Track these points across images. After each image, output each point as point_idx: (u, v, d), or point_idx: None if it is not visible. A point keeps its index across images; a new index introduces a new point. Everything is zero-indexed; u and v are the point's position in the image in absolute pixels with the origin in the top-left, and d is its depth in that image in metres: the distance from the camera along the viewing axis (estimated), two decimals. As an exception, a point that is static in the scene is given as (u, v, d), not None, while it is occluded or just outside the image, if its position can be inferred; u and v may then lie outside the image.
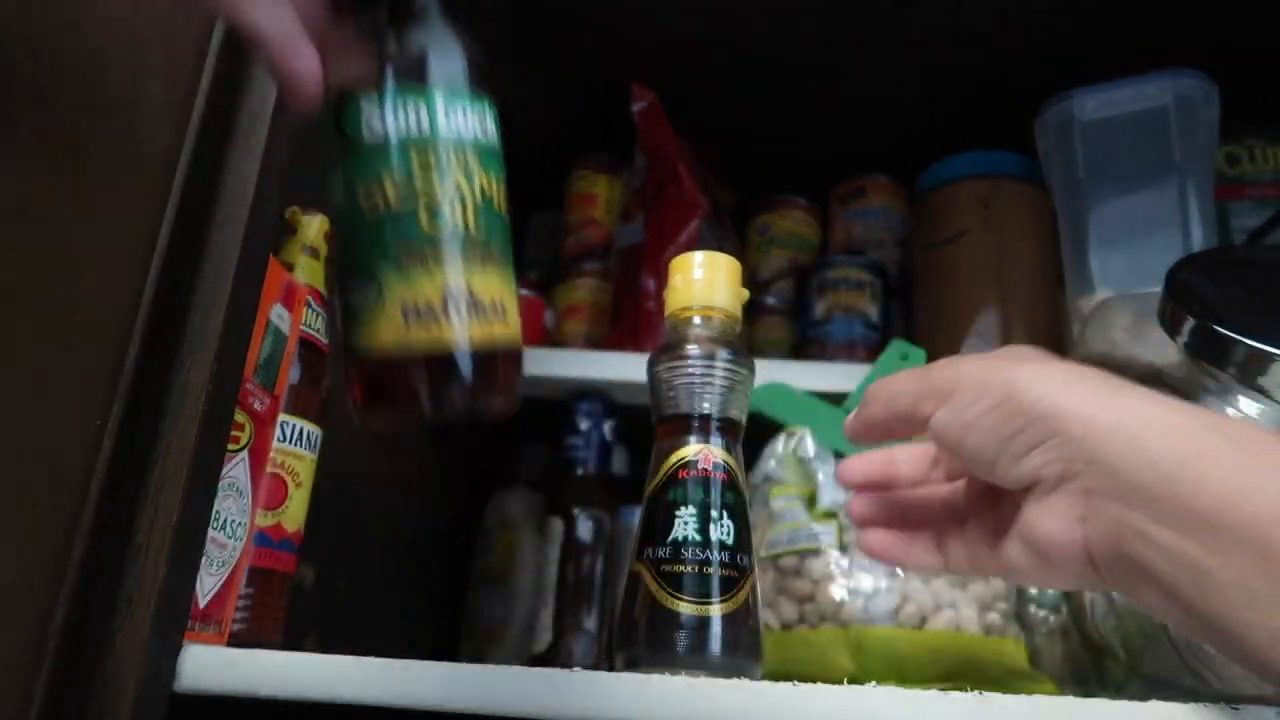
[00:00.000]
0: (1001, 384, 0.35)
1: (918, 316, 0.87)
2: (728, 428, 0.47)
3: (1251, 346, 0.50)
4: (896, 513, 0.44)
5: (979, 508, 0.41)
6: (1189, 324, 0.53)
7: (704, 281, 0.49)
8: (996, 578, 0.51)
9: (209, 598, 0.47)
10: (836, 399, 0.72)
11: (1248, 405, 0.52)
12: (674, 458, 0.46)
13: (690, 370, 0.47)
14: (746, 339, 0.93)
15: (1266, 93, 0.81)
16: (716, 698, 0.39)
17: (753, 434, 0.67)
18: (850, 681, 0.43)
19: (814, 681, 0.39)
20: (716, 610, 0.43)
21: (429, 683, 0.43)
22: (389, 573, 0.77)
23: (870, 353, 0.84)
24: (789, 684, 0.39)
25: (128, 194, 0.45)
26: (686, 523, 0.44)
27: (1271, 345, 0.50)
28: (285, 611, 0.54)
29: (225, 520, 0.48)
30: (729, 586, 0.44)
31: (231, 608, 0.49)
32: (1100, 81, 0.75)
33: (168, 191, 0.44)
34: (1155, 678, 0.51)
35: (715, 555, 0.44)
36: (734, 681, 0.40)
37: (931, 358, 0.74)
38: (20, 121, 0.45)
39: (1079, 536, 0.34)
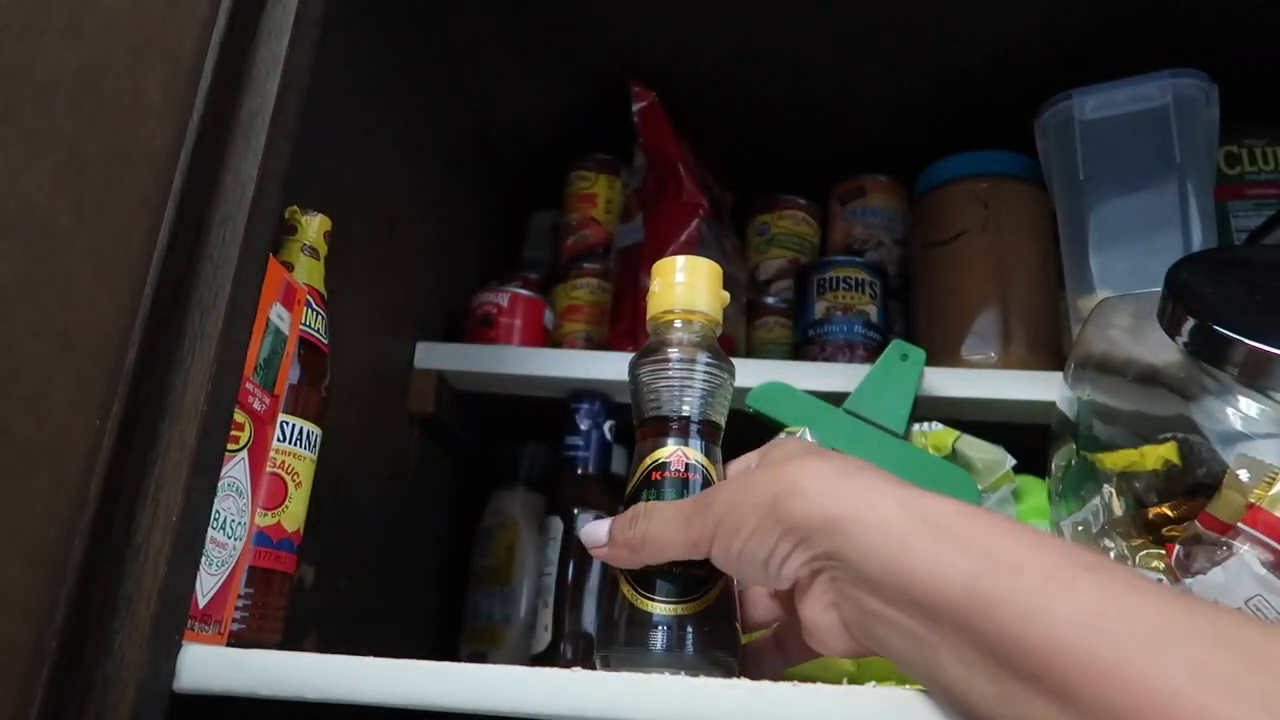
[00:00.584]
0: (751, 511, 0.39)
1: (918, 316, 0.87)
2: (707, 430, 0.47)
3: (1251, 346, 0.50)
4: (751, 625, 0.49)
5: (788, 604, 0.45)
6: (1189, 324, 0.53)
7: (685, 285, 0.49)
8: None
9: (209, 598, 0.47)
10: (836, 399, 0.72)
11: (1248, 405, 0.52)
12: (650, 459, 0.47)
13: (671, 373, 0.47)
14: (746, 339, 0.94)
15: (1266, 93, 0.81)
16: (716, 698, 0.39)
17: (753, 434, 0.67)
18: (850, 681, 0.43)
19: (813, 681, 0.39)
20: (689, 609, 0.44)
21: (429, 683, 0.43)
22: (389, 573, 0.77)
23: (870, 353, 0.84)
24: (789, 684, 0.39)
25: (128, 194, 0.44)
26: None
27: (1271, 345, 0.50)
28: (285, 611, 0.54)
29: (225, 520, 0.48)
30: (699, 586, 0.44)
31: (231, 608, 0.49)
32: (1100, 81, 0.75)
33: (168, 191, 0.44)
34: (1155, 678, 0.51)
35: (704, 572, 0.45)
36: (733, 681, 0.40)
37: (931, 358, 0.74)
38: (20, 121, 0.45)
39: (835, 618, 0.39)
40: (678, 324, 0.49)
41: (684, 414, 0.47)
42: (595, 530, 0.45)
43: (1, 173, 0.44)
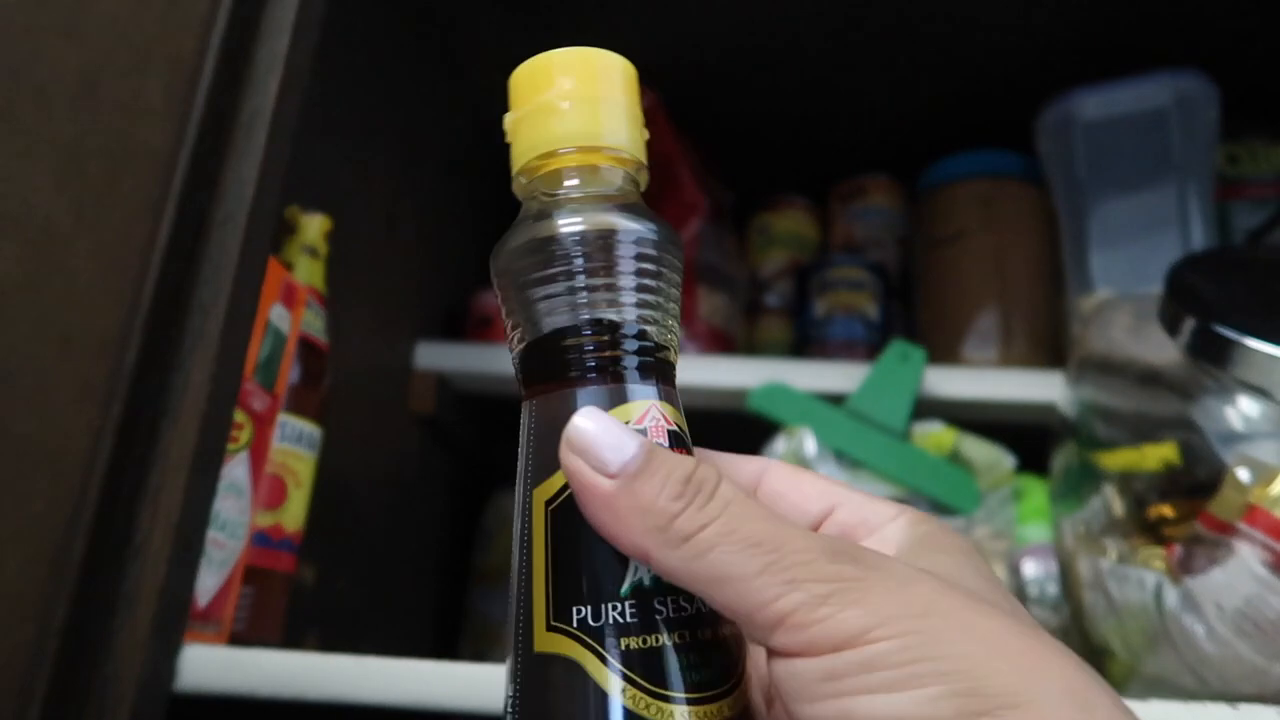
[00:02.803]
0: None
1: (918, 316, 0.87)
2: (660, 370, 0.25)
3: (1251, 346, 0.50)
4: None
5: None
6: (1189, 324, 0.54)
7: (579, 103, 0.26)
8: None
9: (209, 598, 0.47)
10: (836, 399, 0.72)
11: (1248, 405, 0.52)
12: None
13: (580, 264, 0.24)
14: (746, 339, 0.93)
15: (1266, 93, 0.81)
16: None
17: (753, 434, 0.67)
18: None
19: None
20: (733, 705, 0.23)
21: (429, 683, 0.43)
22: (389, 573, 0.77)
23: (870, 353, 0.84)
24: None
25: (128, 194, 0.44)
26: None
27: (1271, 345, 0.50)
28: (285, 611, 0.54)
29: (225, 520, 0.48)
30: (731, 655, 0.24)
31: (231, 608, 0.49)
32: (1100, 81, 0.75)
33: (167, 191, 0.44)
34: (1155, 678, 0.51)
35: (705, 604, 0.23)
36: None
37: (932, 357, 0.74)
38: (20, 121, 0.45)
39: None
40: (571, 178, 0.26)
41: (625, 333, 0.24)
42: (612, 436, 0.23)
43: (1, 173, 0.44)
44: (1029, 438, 0.71)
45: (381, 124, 0.74)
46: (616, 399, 0.24)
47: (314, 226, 0.57)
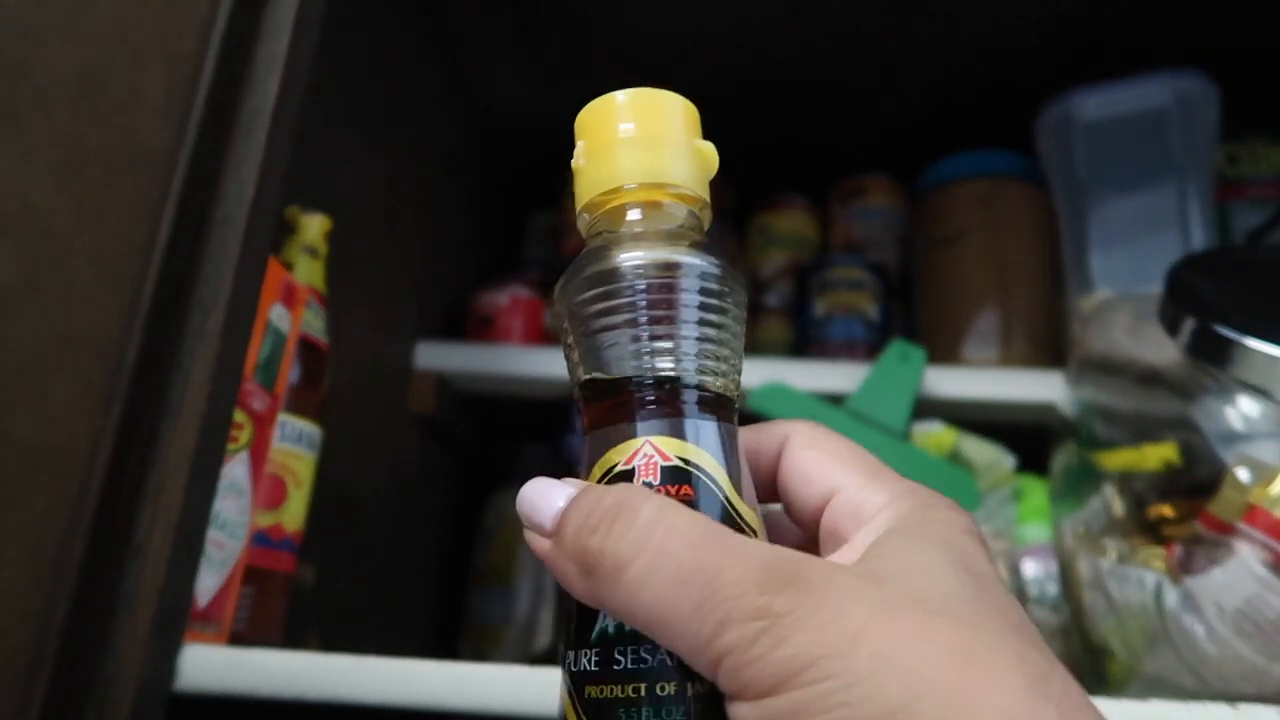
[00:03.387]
0: None
1: (918, 316, 0.87)
2: (710, 404, 0.24)
3: (1251, 346, 0.50)
4: None
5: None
6: (1189, 324, 0.54)
7: (644, 141, 0.26)
8: None
9: (209, 598, 0.47)
10: (836, 399, 0.72)
11: (1248, 405, 0.52)
12: (594, 474, 0.24)
13: (634, 301, 0.24)
14: (747, 339, 0.93)
15: (1266, 93, 0.81)
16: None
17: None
18: None
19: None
20: None
21: (429, 683, 0.43)
22: (389, 573, 0.77)
23: (870, 352, 0.84)
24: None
25: (128, 194, 0.44)
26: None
27: (1271, 345, 0.50)
28: (285, 611, 0.54)
29: (225, 520, 0.48)
30: (699, 711, 0.21)
31: (231, 608, 0.49)
32: (1100, 81, 0.75)
33: (167, 191, 0.44)
34: (1155, 678, 0.51)
35: (671, 662, 0.21)
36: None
37: (932, 357, 0.74)
38: (20, 121, 0.45)
39: None
40: (633, 213, 0.26)
41: (663, 374, 0.24)
42: (543, 495, 0.23)
43: (1, 173, 0.44)
44: (1029, 438, 0.71)
45: (381, 124, 0.74)
46: (618, 438, 0.24)
47: (314, 226, 0.57)
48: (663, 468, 0.23)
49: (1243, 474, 0.49)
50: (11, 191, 0.44)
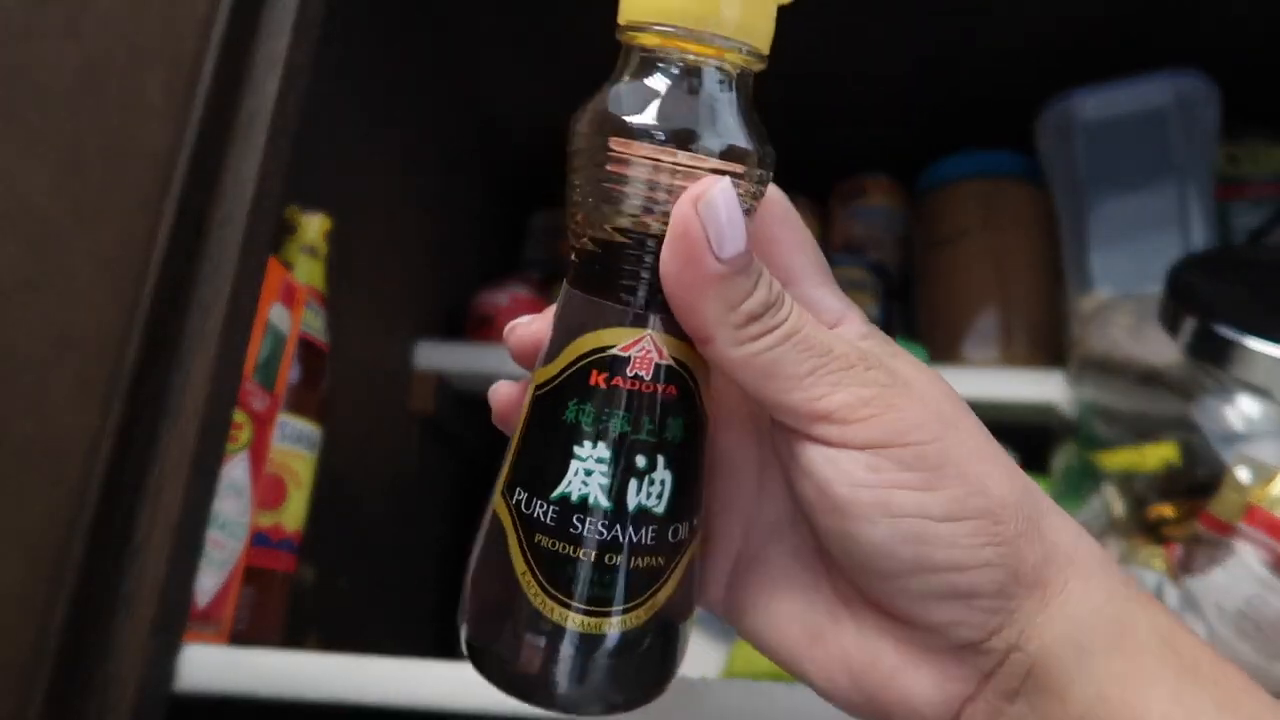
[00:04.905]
0: (994, 486, 0.24)
1: (918, 316, 0.87)
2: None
3: (1251, 347, 0.50)
4: None
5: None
6: (1189, 324, 0.54)
7: None
8: None
9: (209, 598, 0.47)
10: (836, 399, 0.72)
11: (1248, 405, 0.52)
12: (585, 342, 0.24)
13: (656, 160, 0.23)
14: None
15: (1266, 93, 0.81)
16: (713, 694, 0.39)
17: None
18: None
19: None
20: (622, 624, 0.24)
21: (429, 683, 0.43)
22: (389, 573, 0.77)
23: (870, 353, 0.84)
24: (784, 683, 0.39)
25: (128, 194, 0.45)
26: (590, 473, 0.24)
27: (1271, 345, 0.50)
28: (285, 611, 0.54)
29: (225, 520, 0.48)
30: (650, 582, 0.25)
31: (231, 608, 0.49)
32: (1100, 81, 0.75)
33: (167, 191, 0.44)
34: (1155, 678, 0.51)
35: (630, 535, 0.24)
36: (732, 680, 0.40)
37: (932, 357, 0.74)
38: (20, 121, 0.45)
39: (950, 700, 0.24)
40: (669, 54, 0.24)
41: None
42: (724, 215, 0.22)
43: (1, 173, 0.44)
44: (1029, 438, 0.71)
45: (382, 124, 0.74)
46: (615, 319, 0.24)
47: (314, 226, 0.57)
48: (656, 365, 0.24)
49: (1243, 474, 0.49)
50: (11, 191, 0.44)
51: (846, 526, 0.23)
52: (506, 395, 0.27)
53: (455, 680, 0.42)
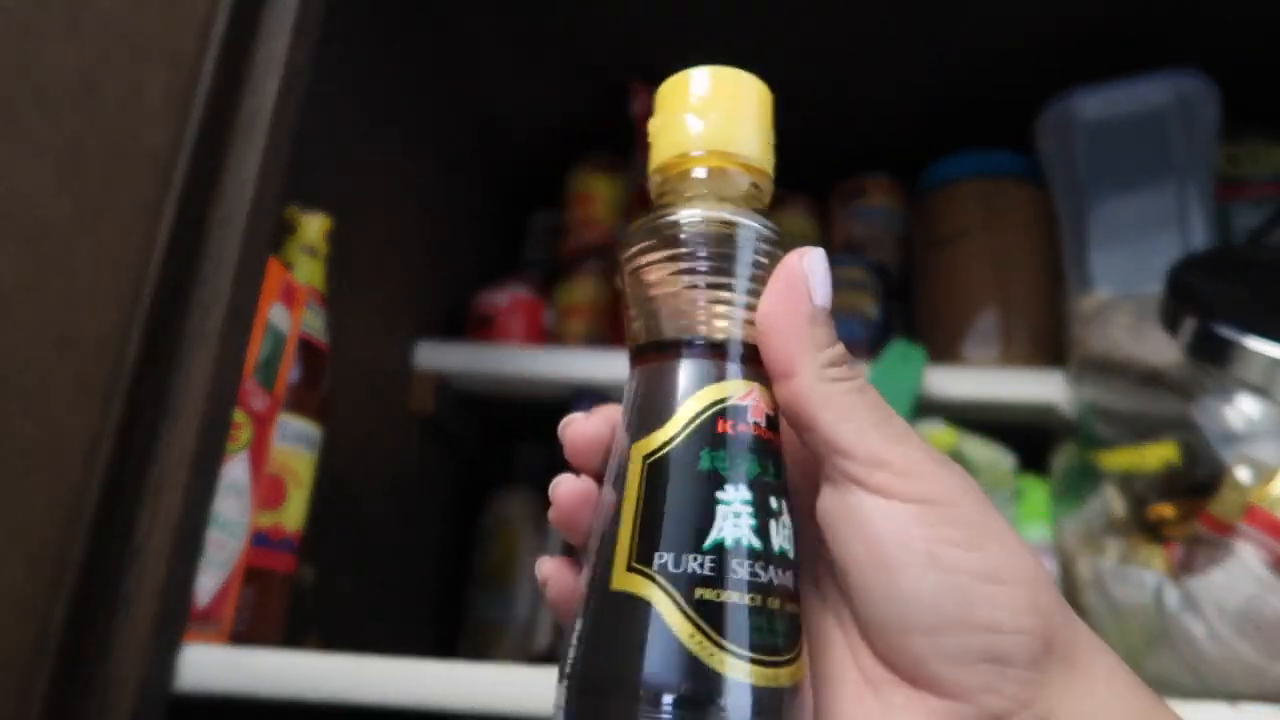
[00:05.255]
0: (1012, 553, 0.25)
1: (918, 316, 0.87)
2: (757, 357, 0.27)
3: (1251, 347, 0.50)
4: None
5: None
6: (1189, 324, 0.54)
7: (714, 112, 0.28)
8: None
9: (209, 598, 0.47)
10: (836, 399, 0.72)
11: (1248, 405, 0.52)
12: (704, 396, 0.26)
13: (699, 252, 0.27)
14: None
15: (1266, 93, 0.81)
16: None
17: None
18: None
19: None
20: (791, 676, 0.24)
21: (429, 683, 0.43)
22: (389, 573, 0.77)
23: (870, 352, 0.84)
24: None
25: (128, 194, 0.45)
26: (739, 516, 0.24)
27: (1271, 345, 0.50)
28: (285, 611, 0.54)
29: (225, 520, 0.48)
30: (798, 630, 0.25)
31: (231, 608, 0.49)
32: (1100, 81, 0.75)
33: (167, 191, 0.44)
34: (1155, 678, 0.51)
35: (777, 577, 0.24)
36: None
37: (932, 357, 0.74)
38: (20, 121, 0.45)
39: None
40: (698, 172, 0.28)
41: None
42: (821, 271, 0.27)
43: (1, 173, 0.44)
44: (1029, 438, 0.71)
45: (382, 124, 0.74)
46: (716, 375, 0.26)
47: (314, 226, 0.57)
48: (766, 414, 0.26)
49: (1243, 474, 0.49)
50: (11, 191, 0.44)
51: (893, 578, 0.24)
52: (571, 490, 0.28)
53: (455, 680, 0.42)
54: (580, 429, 0.28)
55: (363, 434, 0.71)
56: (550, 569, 0.28)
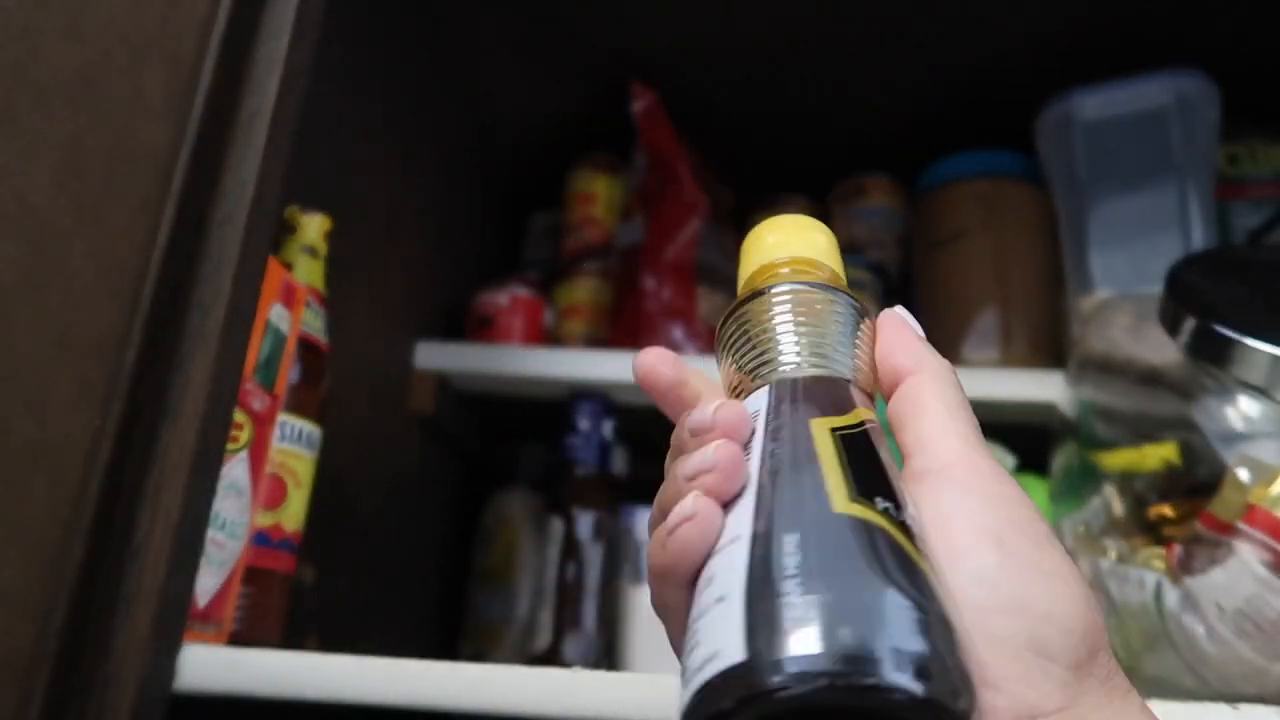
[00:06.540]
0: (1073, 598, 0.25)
1: (918, 316, 0.87)
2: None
3: (1251, 346, 0.50)
4: None
5: None
6: (1189, 324, 0.54)
7: (790, 236, 0.35)
8: None
9: (209, 598, 0.47)
10: (836, 399, 0.72)
11: (1248, 405, 0.52)
12: (851, 417, 0.30)
13: (832, 309, 0.32)
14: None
15: (1266, 92, 0.81)
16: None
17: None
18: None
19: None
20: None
21: (429, 683, 0.43)
22: (389, 573, 0.77)
23: (870, 353, 0.84)
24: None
25: (128, 194, 0.44)
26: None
27: (1271, 345, 0.50)
28: (285, 611, 0.54)
29: (225, 520, 0.48)
30: None
31: (231, 608, 0.49)
32: (1100, 81, 0.75)
33: (167, 191, 0.44)
34: (1155, 678, 0.51)
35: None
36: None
37: (931, 358, 0.74)
38: (20, 121, 0.45)
39: None
40: (783, 269, 0.33)
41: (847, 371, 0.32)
42: (913, 329, 0.33)
43: (1, 173, 0.44)
44: (1029, 438, 0.71)
45: (382, 124, 0.74)
46: (855, 404, 0.30)
47: (314, 226, 0.57)
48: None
49: (1243, 474, 0.49)
50: (11, 191, 0.44)
51: (958, 557, 0.25)
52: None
53: (455, 680, 0.42)
54: (663, 372, 0.32)
55: (363, 434, 0.71)
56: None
